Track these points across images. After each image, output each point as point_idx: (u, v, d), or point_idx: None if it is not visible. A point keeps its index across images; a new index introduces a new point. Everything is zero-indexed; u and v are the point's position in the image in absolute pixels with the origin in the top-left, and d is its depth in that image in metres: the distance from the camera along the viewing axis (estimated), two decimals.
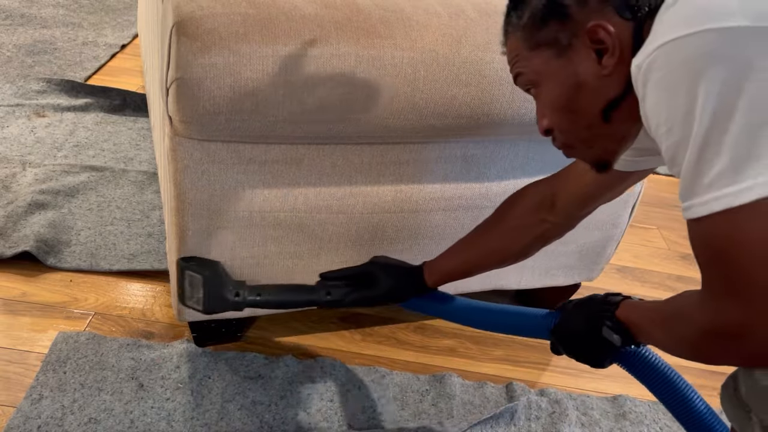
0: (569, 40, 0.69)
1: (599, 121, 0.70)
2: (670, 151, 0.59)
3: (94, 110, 2.02)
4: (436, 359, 1.36)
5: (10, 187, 1.61)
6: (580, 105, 0.71)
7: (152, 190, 1.69)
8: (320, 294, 1.08)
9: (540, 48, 0.72)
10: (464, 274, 1.08)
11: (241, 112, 0.95)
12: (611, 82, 0.68)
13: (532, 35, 0.72)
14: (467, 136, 1.13)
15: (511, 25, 0.75)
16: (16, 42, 2.38)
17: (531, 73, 0.74)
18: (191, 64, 0.90)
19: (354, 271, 1.11)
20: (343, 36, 0.96)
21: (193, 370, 1.21)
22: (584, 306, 0.85)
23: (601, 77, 0.68)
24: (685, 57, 0.56)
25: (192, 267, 1.07)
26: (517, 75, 0.77)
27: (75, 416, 1.10)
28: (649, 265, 1.79)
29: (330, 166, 1.09)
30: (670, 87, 0.57)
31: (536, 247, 1.02)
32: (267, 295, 1.09)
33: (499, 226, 1.02)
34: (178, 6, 0.92)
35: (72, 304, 1.34)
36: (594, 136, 0.73)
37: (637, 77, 0.61)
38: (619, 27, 0.66)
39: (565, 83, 0.71)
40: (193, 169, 1.02)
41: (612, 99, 0.68)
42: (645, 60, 0.59)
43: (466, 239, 1.06)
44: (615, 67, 0.67)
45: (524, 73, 0.75)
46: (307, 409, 1.19)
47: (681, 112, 0.56)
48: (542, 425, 1.23)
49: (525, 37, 0.73)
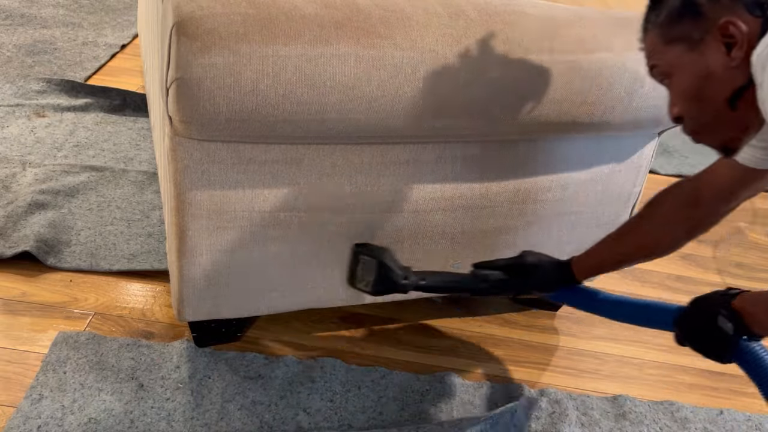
0: (701, 35, 0.77)
1: (725, 109, 0.77)
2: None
3: (94, 110, 2.02)
4: (436, 359, 1.36)
5: (10, 187, 1.61)
6: (708, 94, 0.78)
7: (152, 190, 1.69)
8: (477, 282, 1.16)
9: (674, 42, 0.80)
10: (611, 269, 1.16)
11: (241, 112, 0.95)
12: (738, 73, 0.74)
13: (668, 31, 0.80)
14: (467, 136, 1.13)
15: (649, 22, 0.84)
16: (16, 42, 2.38)
17: (665, 65, 0.82)
18: (191, 64, 0.90)
19: (506, 262, 1.17)
20: (343, 36, 0.96)
21: (193, 370, 1.21)
22: (705, 298, 0.90)
23: (729, 68, 0.75)
24: None
25: (366, 252, 1.15)
26: (652, 67, 0.85)
27: (75, 416, 1.10)
28: (649, 265, 1.78)
29: (330, 166, 1.09)
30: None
31: (683, 242, 1.07)
32: (431, 280, 1.16)
33: (647, 222, 1.08)
34: (178, 6, 0.92)
35: (72, 304, 1.34)
36: (720, 123, 0.80)
37: (756, 65, 0.68)
38: (749, 23, 0.73)
39: (695, 74, 0.78)
40: (193, 169, 1.02)
41: (737, 88, 0.75)
42: (765, 49, 0.66)
43: (614, 235, 1.11)
44: (742, 59, 0.73)
45: (659, 65, 0.83)
46: (307, 409, 1.19)
47: None
48: (542, 425, 1.23)
49: (661, 33, 0.81)
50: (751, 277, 1.81)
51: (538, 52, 1.06)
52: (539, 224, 1.31)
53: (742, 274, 1.80)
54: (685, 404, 1.34)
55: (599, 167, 1.30)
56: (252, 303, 1.20)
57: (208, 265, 1.12)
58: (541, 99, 1.08)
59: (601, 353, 1.46)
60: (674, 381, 1.42)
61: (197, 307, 1.17)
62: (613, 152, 1.29)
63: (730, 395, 1.41)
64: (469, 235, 1.26)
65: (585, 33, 1.11)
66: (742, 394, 1.42)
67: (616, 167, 1.30)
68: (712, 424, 1.32)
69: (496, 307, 1.52)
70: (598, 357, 1.44)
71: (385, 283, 1.13)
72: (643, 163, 1.34)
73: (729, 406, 1.38)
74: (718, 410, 1.35)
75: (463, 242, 1.27)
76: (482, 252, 1.29)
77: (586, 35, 1.11)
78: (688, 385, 1.42)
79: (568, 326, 1.52)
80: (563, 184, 1.27)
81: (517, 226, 1.29)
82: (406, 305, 1.45)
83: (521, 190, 1.24)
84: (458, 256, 1.29)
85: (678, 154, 2.47)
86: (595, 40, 1.12)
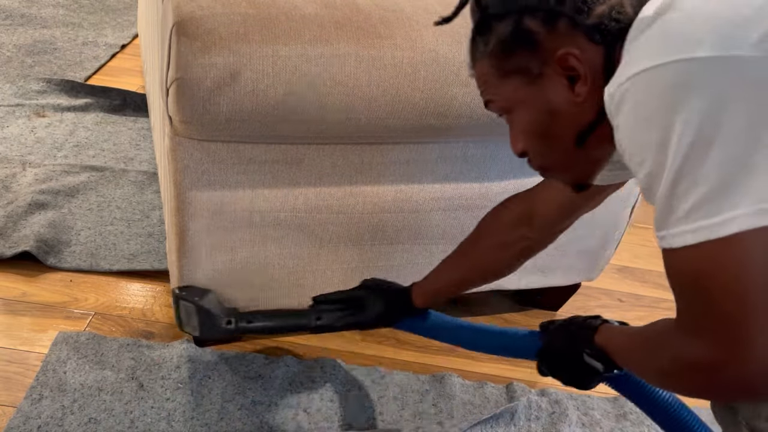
0: (540, 68, 0.67)
1: (573, 146, 0.69)
2: (644, 182, 0.58)
3: (94, 110, 2.02)
4: (436, 359, 1.36)
5: (10, 187, 1.61)
6: (554, 131, 0.70)
7: (152, 190, 1.69)
8: (311, 319, 1.11)
9: (510, 76, 0.70)
10: (450, 294, 1.11)
11: (241, 112, 0.95)
12: (585, 109, 0.66)
13: (502, 63, 0.70)
14: (467, 136, 1.13)
15: (478, 51, 0.73)
16: (16, 42, 2.38)
17: (502, 100, 0.73)
18: (191, 64, 0.90)
19: (345, 295, 1.12)
20: (343, 36, 0.96)
21: (193, 370, 1.21)
22: (565, 330, 0.86)
23: (575, 104, 0.67)
24: (657, 88, 0.55)
25: (185, 296, 1.12)
26: (488, 101, 0.75)
27: (75, 416, 1.10)
28: (649, 265, 1.78)
29: (330, 166, 1.09)
30: (644, 118, 0.56)
31: (518, 262, 1.02)
32: (258, 321, 1.13)
33: (479, 244, 1.02)
34: (178, 6, 0.92)
35: (72, 304, 1.34)
36: (569, 159, 0.72)
37: (610, 106, 0.60)
38: (590, 53, 0.64)
39: (538, 110, 0.69)
40: (193, 169, 1.02)
41: (586, 125, 0.67)
42: (617, 90, 0.58)
43: (449, 259, 1.06)
44: (588, 93, 0.65)
45: (495, 100, 0.74)
46: (307, 409, 1.19)
47: (655, 143, 0.55)
48: (542, 425, 1.23)
49: (493, 64, 0.71)
50: None
51: None
52: None
53: None
54: None
55: None
56: (252, 303, 1.20)
57: (208, 265, 1.12)
58: None
59: None
60: None
61: None
62: None
63: None
64: None
65: None
66: None
67: None
68: (713, 425, 1.31)
69: (496, 307, 1.52)
70: None
71: (209, 327, 1.12)
72: None
73: None
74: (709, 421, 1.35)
75: None
76: None
77: None
78: None
79: None
80: None
81: None
82: None
83: (521, 189, 1.24)
84: None
85: None
86: None
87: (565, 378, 0.86)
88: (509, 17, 0.67)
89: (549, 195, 0.93)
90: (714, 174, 0.52)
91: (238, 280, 1.16)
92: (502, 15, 0.68)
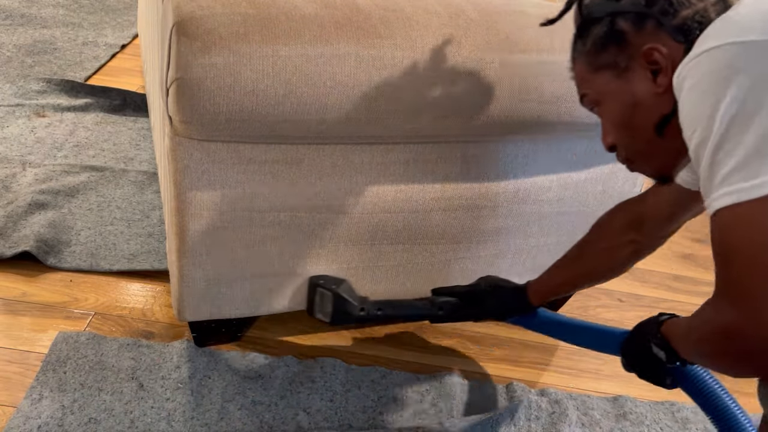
0: (627, 62, 0.77)
1: (654, 136, 0.77)
2: (694, 153, 0.65)
3: (94, 110, 2.02)
4: (436, 359, 1.36)
5: (10, 187, 1.61)
6: (636, 121, 0.78)
7: (152, 190, 1.69)
8: (434, 309, 1.19)
9: (601, 70, 0.80)
10: (563, 292, 1.20)
11: (241, 112, 0.95)
12: (664, 100, 0.74)
13: (595, 59, 0.80)
14: (467, 136, 1.13)
15: (576, 51, 0.84)
16: (16, 42, 2.38)
17: (594, 93, 0.82)
18: (191, 64, 0.90)
19: (464, 289, 1.20)
20: (343, 36, 0.96)
21: (193, 370, 1.21)
22: (641, 325, 0.91)
23: (655, 95, 0.75)
24: (713, 65, 0.62)
25: (323, 284, 1.19)
26: (582, 96, 0.85)
27: (75, 416, 1.10)
28: (649, 265, 1.78)
29: (330, 166, 1.09)
30: (700, 91, 0.63)
31: (629, 263, 1.08)
32: (387, 310, 1.20)
33: (592, 247, 1.09)
34: (178, 6, 0.92)
35: (72, 304, 1.34)
36: (651, 150, 0.80)
37: (677, 85, 0.67)
38: (672, 49, 0.73)
39: (623, 101, 0.78)
40: (193, 169, 1.02)
41: (665, 115, 0.75)
42: (683, 68, 0.66)
43: (563, 260, 1.13)
44: (668, 85, 0.72)
45: (588, 93, 0.84)
46: (307, 409, 1.19)
47: (706, 115, 0.61)
48: (542, 425, 1.23)
49: (588, 61, 0.81)
50: None
51: (539, 52, 1.06)
52: (539, 224, 1.31)
53: None
54: (686, 404, 1.34)
55: (599, 167, 1.30)
56: (252, 303, 1.20)
57: (208, 265, 1.12)
58: (542, 99, 1.08)
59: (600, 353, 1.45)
60: None
61: (197, 307, 1.16)
62: None
63: None
64: (469, 235, 1.26)
65: None
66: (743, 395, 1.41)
67: (616, 167, 1.30)
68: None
69: None
70: (598, 357, 1.44)
71: (342, 314, 1.17)
72: None
73: None
74: None
75: (463, 242, 1.27)
76: (483, 252, 1.30)
77: None
78: None
79: None
80: (563, 184, 1.27)
81: (517, 226, 1.29)
82: None
83: (521, 190, 1.24)
84: (458, 256, 1.29)
85: None
86: None
87: (639, 370, 0.90)
88: (605, 20, 0.78)
89: (658, 200, 1.00)
90: (753, 143, 0.58)
91: (237, 280, 1.16)
92: (599, 18, 0.79)
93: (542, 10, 1.12)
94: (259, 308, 1.22)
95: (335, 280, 1.20)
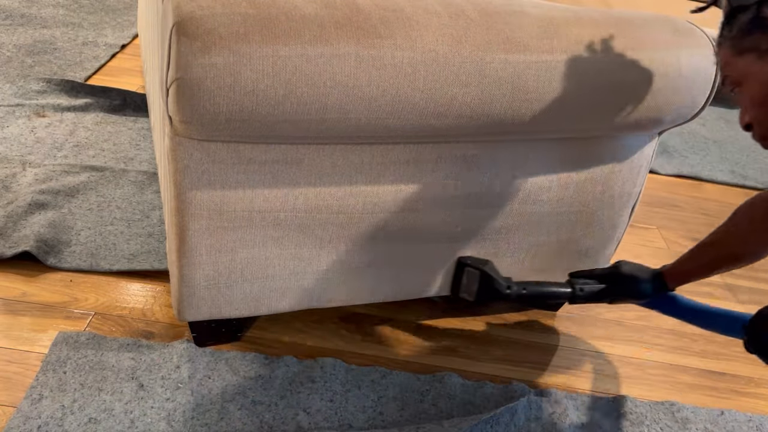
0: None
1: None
2: None
3: (94, 110, 2.02)
4: (436, 359, 1.36)
5: (10, 187, 1.61)
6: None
7: (152, 190, 1.69)
8: (575, 289, 1.23)
9: (744, 53, 0.87)
10: (700, 276, 1.22)
11: (241, 112, 0.95)
12: None
13: (739, 43, 0.87)
14: (467, 136, 1.13)
15: (722, 37, 0.90)
16: (16, 42, 2.38)
17: (736, 74, 0.89)
18: (191, 64, 0.90)
19: (603, 271, 1.26)
20: (343, 36, 0.96)
21: (193, 370, 1.21)
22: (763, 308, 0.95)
23: None
24: None
25: (471, 263, 1.25)
26: (725, 77, 0.92)
27: (75, 416, 1.10)
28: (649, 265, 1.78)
29: (330, 166, 1.09)
30: None
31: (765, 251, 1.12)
32: (530, 289, 1.24)
33: (734, 231, 1.13)
34: (178, 6, 0.92)
35: (72, 304, 1.34)
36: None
37: None
38: None
39: (763, 81, 0.86)
40: (193, 169, 1.02)
41: None
42: None
43: (704, 244, 1.18)
44: None
45: (731, 75, 0.90)
46: (307, 409, 1.19)
47: None
48: (542, 425, 1.23)
49: (733, 45, 0.88)
50: (752, 277, 1.81)
51: (539, 52, 1.06)
52: (539, 224, 1.31)
53: (742, 273, 1.80)
54: (686, 404, 1.34)
55: (599, 167, 1.30)
56: (252, 303, 1.20)
57: (208, 265, 1.12)
58: (542, 99, 1.08)
59: (601, 353, 1.46)
60: (675, 381, 1.42)
61: (197, 307, 1.16)
62: (613, 152, 1.29)
63: (731, 395, 1.41)
64: (469, 235, 1.26)
65: (585, 33, 1.11)
66: (744, 395, 1.42)
67: (616, 167, 1.30)
68: (713, 425, 1.32)
69: (496, 307, 1.52)
70: (598, 357, 1.44)
71: (488, 292, 1.23)
72: (643, 163, 1.34)
73: (730, 407, 1.38)
74: (719, 410, 1.35)
75: (463, 242, 1.27)
76: (482, 253, 1.30)
77: (587, 35, 1.11)
78: (688, 386, 1.42)
79: (568, 326, 1.52)
80: (563, 184, 1.27)
81: (517, 226, 1.29)
82: (406, 305, 1.45)
83: (521, 190, 1.24)
84: (458, 256, 1.29)
85: (678, 154, 2.47)
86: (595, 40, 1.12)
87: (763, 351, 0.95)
88: (751, 8, 0.85)
89: None
90: None
91: (238, 281, 1.16)
92: (746, 6, 0.86)
93: (542, 10, 1.13)
94: (259, 308, 1.22)
95: (481, 260, 1.26)
